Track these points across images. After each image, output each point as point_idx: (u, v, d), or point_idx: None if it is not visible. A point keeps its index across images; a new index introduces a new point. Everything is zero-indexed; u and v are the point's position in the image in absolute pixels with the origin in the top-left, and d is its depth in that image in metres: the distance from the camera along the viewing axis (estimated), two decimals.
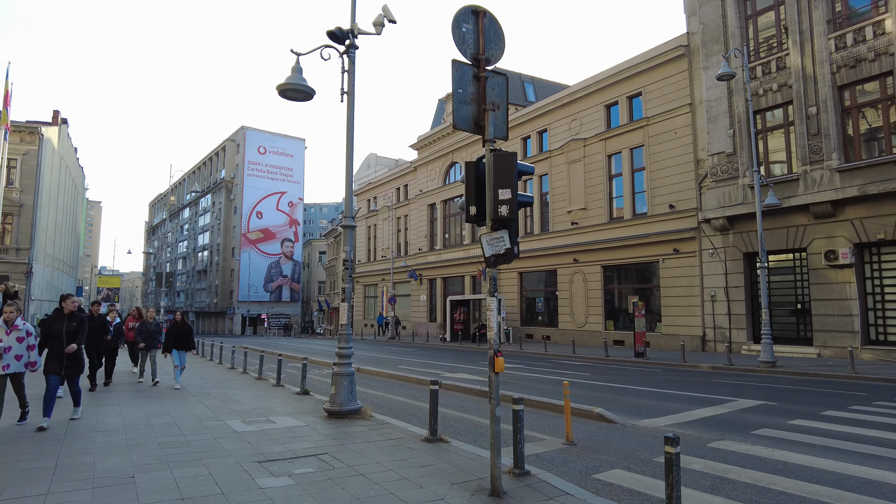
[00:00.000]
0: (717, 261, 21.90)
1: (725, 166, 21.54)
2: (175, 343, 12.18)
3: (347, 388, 7.99)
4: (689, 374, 15.32)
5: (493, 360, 4.90)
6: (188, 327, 12.45)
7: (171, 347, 12.16)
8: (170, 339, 12.23)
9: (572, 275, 27.75)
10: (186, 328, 12.38)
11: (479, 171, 5.30)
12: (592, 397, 10.70)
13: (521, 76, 36.98)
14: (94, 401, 9.96)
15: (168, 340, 12.28)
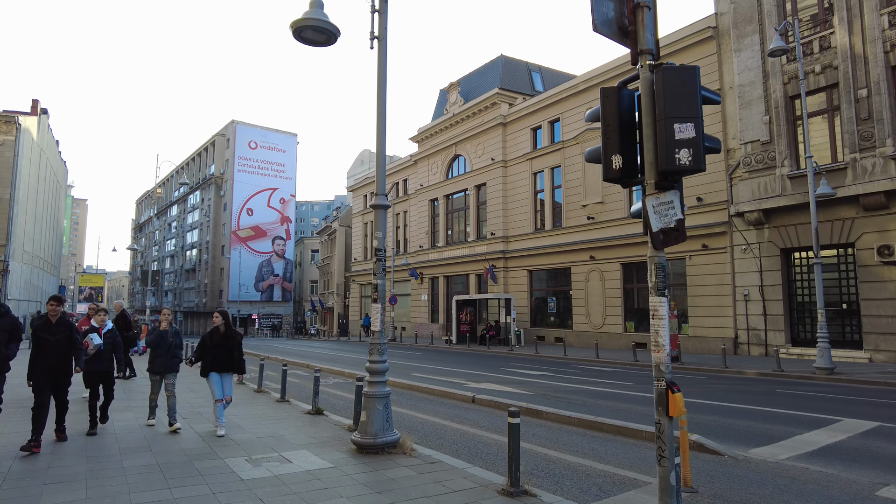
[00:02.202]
0: (751, 257, 20.30)
1: (760, 155, 19.94)
2: (217, 361, 7.52)
3: (382, 415, 6.19)
4: (741, 382, 13.67)
5: (665, 398, 3.14)
6: (236, 335, 7.77)
7: (212, 369, 7.52)
8: (207, 355, 7.56)
9: (588, 273, 26.08)
10: (234, 336, 7.70)
11: (622, 103, 3.53)
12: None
13: (528, 65, 35.29)
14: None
15: (204, 357, 7.60)
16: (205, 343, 7.63)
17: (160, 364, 7.90)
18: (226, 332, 7.57)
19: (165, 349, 7.86)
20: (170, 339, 7.96)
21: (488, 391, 11.61)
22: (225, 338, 7.54)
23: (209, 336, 7.62)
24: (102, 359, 7.65)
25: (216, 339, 7.53)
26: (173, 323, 8.33)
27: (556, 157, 28.37)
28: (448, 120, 36.39)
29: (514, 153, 31.23)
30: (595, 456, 6.60)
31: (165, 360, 7.88)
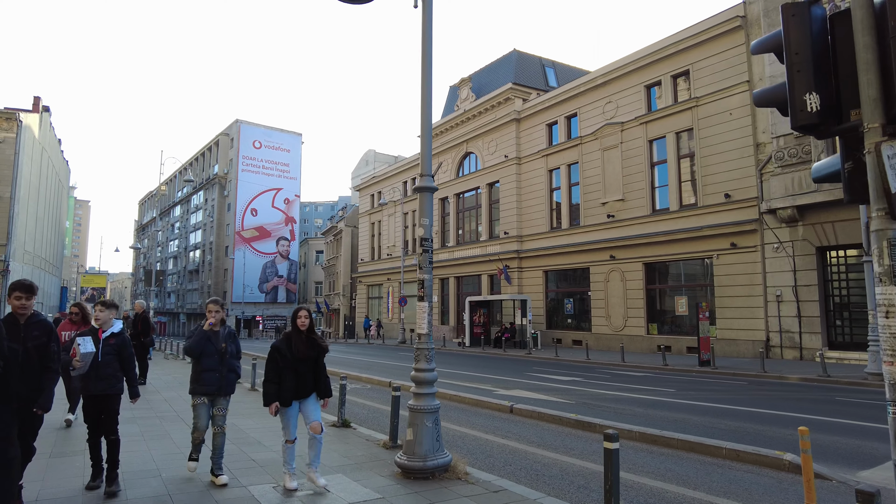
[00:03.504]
0: (784, 256, 19.35)
1: (794, 149, 18.99)
2: (300, 382, 5.13)
3: (432, 433, 5.27)
4: (788, 388, 12.72)
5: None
6: (323, 342, 5.40)
7: (294, 395, 5.10)
8: (287, 375, 5.06)
9: (608, 273, 25.12)
10: (321, 345, 5.35)
11: (814, 25, 2.60)
12: (724, 428, 8.03)
13: (542, 60, 34.38)
14: None
15: (282, 378, 5.06)
16: (281, 355, 5.04)
17: (210, 381, 5.32)
18: (309, 337, 5.19)
19: (216, 359, 5.37)
20: (221, 343, 5.40)
21: (524, 399, 10.68)
22: (310, 346, 5.14)
23: (286, 344, 5.10)
24: (102, 375, 5.05)
25: (299, 350, 5.05)
26: (226, 322, 5.63)
27: (573, 153, 27.44)
28: (459, 116, 35.48)
29: (528, 150, 30.31)
30: (677, 479, 5.68)
31: (217, 376, 5.34)
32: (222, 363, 5.42)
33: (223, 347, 5.45)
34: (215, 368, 5.37)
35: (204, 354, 5.35)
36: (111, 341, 5.25)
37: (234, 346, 5.61)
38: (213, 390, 5.38)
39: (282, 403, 5.02)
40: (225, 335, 5.52)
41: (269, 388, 5.01)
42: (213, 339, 5.42)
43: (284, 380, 5.01)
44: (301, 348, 5.11)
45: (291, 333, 5.16)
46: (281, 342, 5.15)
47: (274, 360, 5.08)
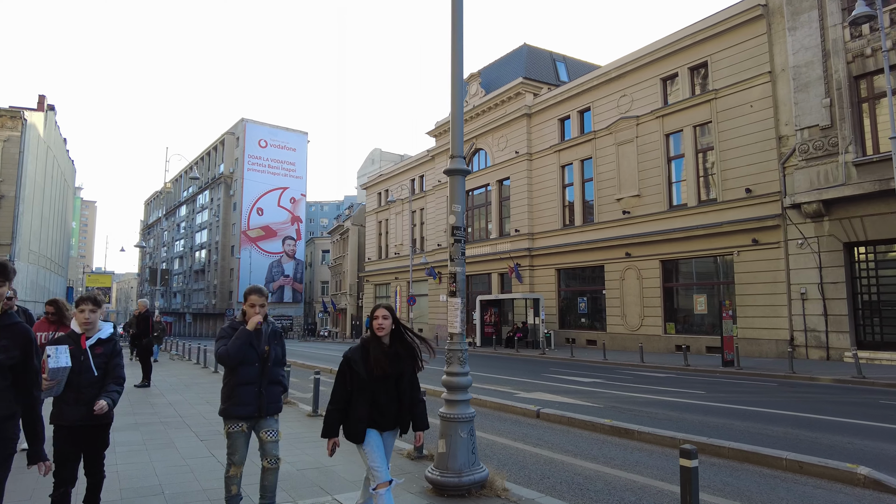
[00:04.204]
0: (809, 252, 18.67)
1: (819, 142, 18.30)
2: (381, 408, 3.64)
3: (467, 445, 4.69)
4: (822, 390, 12.07)
5: None
6: (413, 352, 3.82)
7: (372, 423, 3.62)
8: (361, 398, 3.58)
9: (624, 271, 24.47)
10: (407, 357, 3.77)
11: None
12: (772, 434, 7.41)
13: (553, 54, 33.74)
14: None
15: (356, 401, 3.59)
16: (352, 372, 3.59)
17: (249, 398, 3.85)
18: (394, 348, 3.67)
19: (257, 369, 3.91)
20: (264, 346, 3.96)
21: (549, 403, 10.09)
22: (394, 362, 3.62)
23: (361, 355, 3.59)
24: (86, 398, 3.55)
25: (377, 363, 3.55)
26: (270, 318, 4.18)
27: (586, 148, 26.80)
28: (467, 112, 34.87)
29: (539, 145, 29.68)
30: (738, 495, 5.08)
31: (255, 391, 3.88)
32: (263, 374, 3.93)
33: (266, 352, 3.95)
34: (254, 381, 3.87)
35: (242, 362, 3.87)
36: (98, 350, 3.69)
37: (279, 350, 4.11)
38: (253, 411, 3.87)
39: (351, 437, 3.53)
40: (268, 335, 4.02)
41: (331, 415, 3.57)
42: (254, 341, 3.92)
43: (355, 405, 3.54)
44: (380, 363, 3.52)
45: (368, 341, 3.64)
46: (356, 351, 3.62)
47: (343, 377, 3.60)
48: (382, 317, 3.63)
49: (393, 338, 3.67)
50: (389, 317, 3.64)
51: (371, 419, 3.54)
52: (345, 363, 3.62)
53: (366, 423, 3.52)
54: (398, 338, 3.70)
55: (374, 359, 3.53)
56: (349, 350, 3.63)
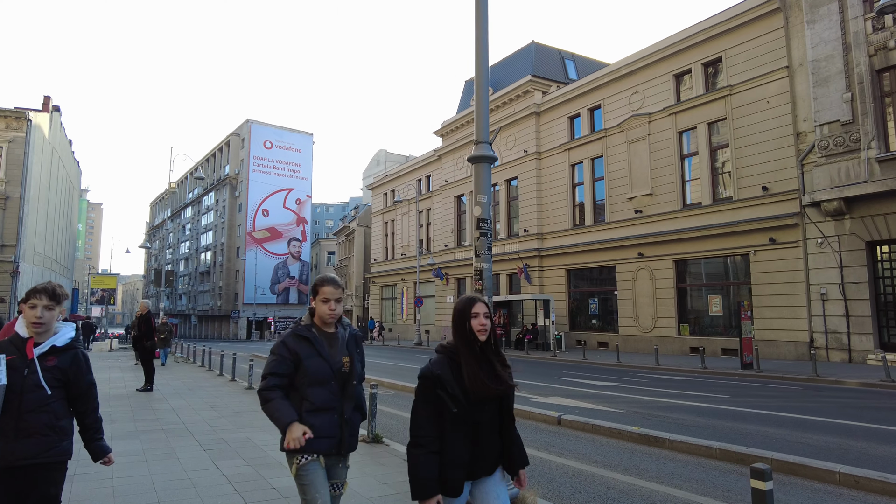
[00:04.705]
0: (829, 252, 18.14)
1: (840, 138, 17.78)
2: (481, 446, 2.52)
3: None
4: (853, 394, 11.56)
5: None
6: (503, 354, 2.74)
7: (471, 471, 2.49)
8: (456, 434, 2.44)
9: (636, 271, 23.97)
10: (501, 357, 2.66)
11: None
12: (812, 443, 6.94)
13: (561, 52, 33.29)
14: None
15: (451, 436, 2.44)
16: (447, 394, 2.44)
17: (327, 429, 2.82)
18: (485, 354, 2.58)
19: (336, 388, 2.87)
20: (342, 357, 2.91)
21: (568, 409, 9.64)
22: (494, 376, 2.54)
23: (451, 373, 2.48)
24: (29, 427, 2.63)
25: (476, 382, 2.46)
26: (344, 320, 3.09)
27: (597, 146, 26.32)
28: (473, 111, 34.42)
29: (548, 144, 29.22)
30: None
31: (335, 419, 2.85)
32: (345, 395, 2.86)
33: (345, 366, 2.88)
34: (332, 406, 2.79)
35: (314, 380, 2.76)
36: (50, 362, 2.71)
37: (360, 364, 3.00)
38: (332, 446, 2.82)
39: (446, 491, 2.41)
40: (346, 342, 2.94)
41: (425, 463, 2.38)
42: (327, 350, 2.84)
43: (450, 444, 2.42)
44: (480, 382, 2.44)
45: (458, 348, 2.52)
46: (441, 366, 2.47)
47: (429, 403, 2.45)
48: (484, 315, 2.53)
49: (492, 346, 2.60)
50: (490, 316, 2.58)
51: (472, 460, 2.46)
52: (429, 383, 2.44)
53: (466, 465, 2.43)
54: (496, 347, 2.63)
55: (471, 376, 2.42)
56: (430, 365, 2.49)
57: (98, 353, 27.69)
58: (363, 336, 3.24)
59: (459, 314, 2.56)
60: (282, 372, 2.77)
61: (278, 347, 2.82)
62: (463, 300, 2.60)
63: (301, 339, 2.82)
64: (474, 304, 2.56)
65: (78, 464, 5.58)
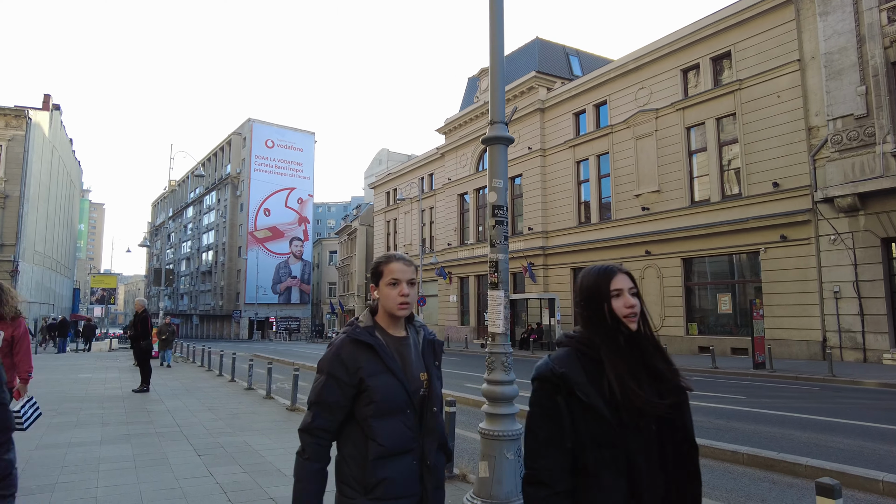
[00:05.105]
0: (842, 249, 17.71)
1: (854, 132, 17.35)
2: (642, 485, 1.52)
3: (515, 468, 3.88)
4: (874, 395, 11.16)
5: None
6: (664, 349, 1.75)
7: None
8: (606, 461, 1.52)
9: (643, 269, 23.56)
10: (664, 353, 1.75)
11: None
12: (842, 448, 6.54)
13: (566, 48, 32.89)
14: None
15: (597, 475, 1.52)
16: (583, 407, 1.55)
17: (405, 479, 1.87)
18: (638, 344, 1.68)
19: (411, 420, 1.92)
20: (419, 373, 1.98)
21: None
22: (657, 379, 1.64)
23: (586, 373, 1.58)
24: None
25: (626, 389, 1.53)
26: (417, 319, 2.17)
27: (603, 143, 25.92)
28: (479, 108, 34.08)
29: (553, 140, 28.82)
30: None
31: (415, 465, 1.92)
32: (425, 428, 1.96)
33: (424, 387, 1.99)
34: (410, 447, 1.91)
35: (383, 409, 1.87)
36: None
37: (439, 379, 2.06)
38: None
39: None
40: (422, 350, 2.04)
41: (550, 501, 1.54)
42: (398, 363, 1.94)
43: (591, 486, 1.54)
44: (641, 390, 1.56)
45: (602, 338, 1.64)
46: (565, 362, 1.61)
47: (552, 420, 1.59)
48: (630, 291, 1.67)
49: (647, 338, 1.73)
50: (638, 294, 1.70)
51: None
52: (550, 388, 1.60)
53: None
54: (653, 338, 1.74)
55: (620, 380, 1.56)
56: (550, 362, 1.63)
57: (97, 352, 27.36)
58: (441, 342, 1.97)
59: (591, 293, 1.68)
60: (334, 402, 1.85)
61: (329, 361, 1.89)
62: (594, 272, 1.72)
63: (361, 348, 1.89)
64: (614, 275, 1.67)
65: (61, 472, 5.23)
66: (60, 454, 5.96)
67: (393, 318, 1.99)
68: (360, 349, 1.90)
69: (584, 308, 1.71)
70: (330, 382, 1.88)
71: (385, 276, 1.99)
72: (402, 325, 2.04)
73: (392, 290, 1.96)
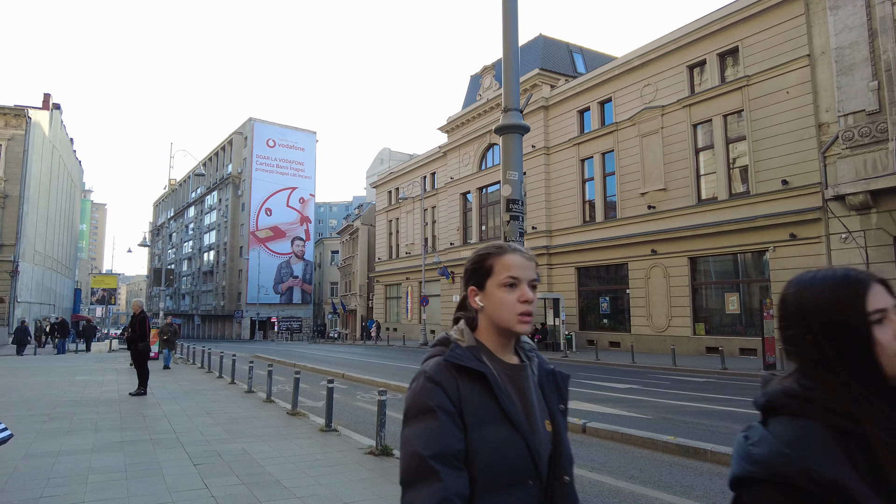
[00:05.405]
0: (854, 247, 17.37)
1: (866, 128, 17.00)
2: None
3: None
4: None
5: None
6: None
7: None
8: None
9: (649, 269, 23.23)
10: None
11: None
12: None
13: (569, 45, 32.56)
14: None
15: None
16: None
17: None
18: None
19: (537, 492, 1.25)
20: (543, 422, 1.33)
21: (591, 415, 8.94)
22: None
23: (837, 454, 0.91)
24: None
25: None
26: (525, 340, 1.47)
27: (607, 140, 25.59)
28: (481, 106, 33.76)
29: (557, 138, 28.50)
30: None
31: None
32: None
33: (550, 435, 1.34)
34: None
35: (497, 476, 1.21)
36: None
37: (566, 427, 1.42)
38: None
39: None
40: (543, 383, 1.41)
41: None
42: (516, 403, 1.30)
43: None
44: None
45: (866, 401, 0.97)
46: (826, 456, 0.92)
47: None
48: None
49: None
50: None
51: None
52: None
53: None
54: None
55: None
56: (789, 451, 0.95)
57: (97, 353, 27.10)
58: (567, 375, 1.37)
59: (834, 316, 1.04)
60: (458, 449, 1.20)
61: (429, 392, 1.24)
62: (827, 280, 1.10)
63: (464, 378, 1.28)
64: (868, 287, 1.05)
65: (47, 484, 4.94)
66: (48, 464, 5.67)
67: (505, 336, 1.37)
68: (463, 380, 1.26)
69: (820, 341, 1.03)
70: (444, 420, 1.20)
71: (497, 275, 1.37)
72: (513, 348, 1.41)
73: (509, 293, 1.34)
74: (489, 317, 1.36)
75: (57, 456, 6.07)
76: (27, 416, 8.65)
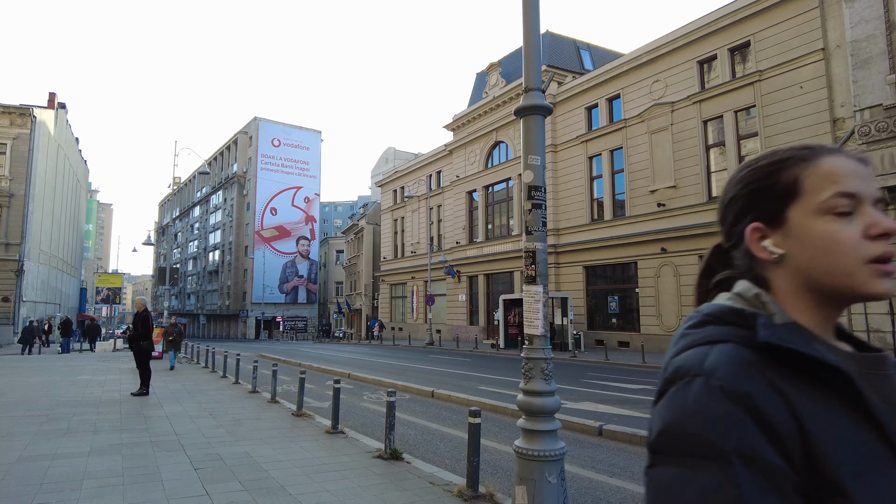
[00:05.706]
0: None
1: (883, 123, 16.62)
2: None
3: (557, 494, 3.28)
4: None
5: None
6: None
7: None
8: None
9: (659, 267, 22.87)
10: None
11: None
12: None
13: (577, 42, 32.21)
14: None
15: None
16: None
17: None
18: None
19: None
20: None
21: (606, 416, 8.65)
22: None
23: None
24: None
25: None
26: None
27: (616, 137, 25.24)
28: (487, 104, 33.46)
29: (564, 136, 28.17)
30: None
31: None
32: None
33: None
34: None
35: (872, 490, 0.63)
36: None
37: None
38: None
39: None
40: None
41: None
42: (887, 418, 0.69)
43: None
44: None
45: None
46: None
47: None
48: None
49: None
50: None
51: None
52: None
53: None
54: None
55: None
56: None
57: (101, 353, 26.96)
58: None
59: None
60: None
61: (706, 417, 0.66)
62: None
63: (797, 381, 0.70)
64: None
65: (39, 489, 4.68)
66: (42, 468, 5.42)
67: (835, 306, 0.80)
68: (794, 388, 0.69)
69: None
70: (749, 488, 0.62)
71: (813, 193, 0.78)
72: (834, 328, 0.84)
73: (843, 226, 0.76)
74: (804, 272, 0.78)
75: (52, 459, 5.82)
76: (25, 416, 8.42)
